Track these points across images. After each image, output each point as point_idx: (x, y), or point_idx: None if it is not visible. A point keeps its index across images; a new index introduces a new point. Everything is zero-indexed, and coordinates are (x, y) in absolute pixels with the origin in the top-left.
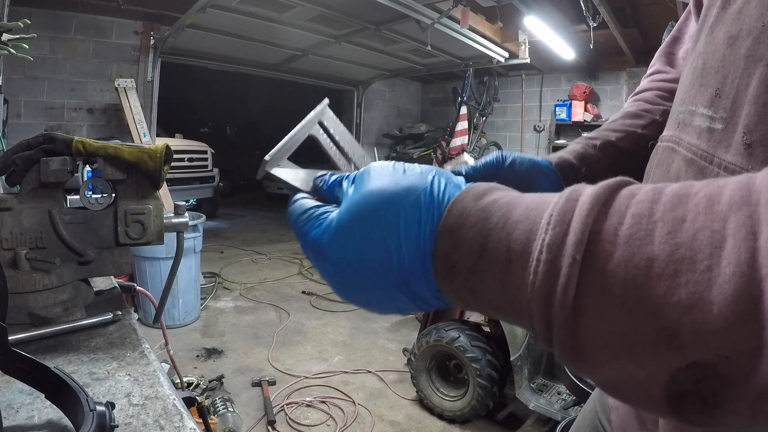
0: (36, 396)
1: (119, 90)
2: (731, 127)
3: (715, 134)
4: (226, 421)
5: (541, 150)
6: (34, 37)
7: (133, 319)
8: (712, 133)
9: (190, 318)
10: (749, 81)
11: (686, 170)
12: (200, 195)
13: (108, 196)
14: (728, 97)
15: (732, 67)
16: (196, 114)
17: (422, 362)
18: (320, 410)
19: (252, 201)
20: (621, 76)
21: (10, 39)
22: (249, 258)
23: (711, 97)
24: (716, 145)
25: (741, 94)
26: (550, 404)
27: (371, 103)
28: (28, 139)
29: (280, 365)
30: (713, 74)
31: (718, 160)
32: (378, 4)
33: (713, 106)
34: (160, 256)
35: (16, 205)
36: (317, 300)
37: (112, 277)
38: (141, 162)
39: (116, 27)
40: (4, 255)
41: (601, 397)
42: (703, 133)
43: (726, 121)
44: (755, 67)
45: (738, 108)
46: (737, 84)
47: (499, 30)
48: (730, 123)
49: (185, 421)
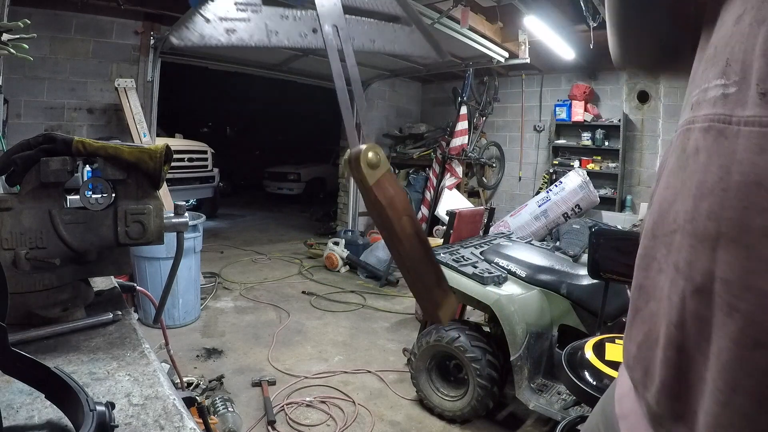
0: (36, 396)
1: (119, 90)
2: (744, 86)
3: (729, 97)
4: (226, 421)
5: (541, 150)
6: (34, 37)
7: (133, 319)
8: (727, 98)
9: (190, 318)
10: (755, 41)
11: (704, 138)
12: (200, 195)
13: (108, 196)
14: (737, 62)
15: (738, 36)
16: (196, 114)
17: (422, 362)
18: (320, 410)
19: (252, 201)
20: (621, 76)
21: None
22: (249, 258)
23: (722, 68)
24: (733, 106)
25: (749, 54)
26: (550, 404)
27: (371, 103)
28: (28, 139)
29: (280, 365)
30: (722, 50)
31: (737, 118)
32: None
33: (725, 74)
34: (160, 256)
35: (16, 205)
36: (317, 300)
37: (112, 277)
38: (141, 162)
39: (116, 27)
40: (4, 255)
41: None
42: (717, 101)
43: (739, 84)
44: (759, 29)
45: (748, 67)
46: (744, 48)
47: (499, 30)
48: (743, 83)
49: (185, 421)
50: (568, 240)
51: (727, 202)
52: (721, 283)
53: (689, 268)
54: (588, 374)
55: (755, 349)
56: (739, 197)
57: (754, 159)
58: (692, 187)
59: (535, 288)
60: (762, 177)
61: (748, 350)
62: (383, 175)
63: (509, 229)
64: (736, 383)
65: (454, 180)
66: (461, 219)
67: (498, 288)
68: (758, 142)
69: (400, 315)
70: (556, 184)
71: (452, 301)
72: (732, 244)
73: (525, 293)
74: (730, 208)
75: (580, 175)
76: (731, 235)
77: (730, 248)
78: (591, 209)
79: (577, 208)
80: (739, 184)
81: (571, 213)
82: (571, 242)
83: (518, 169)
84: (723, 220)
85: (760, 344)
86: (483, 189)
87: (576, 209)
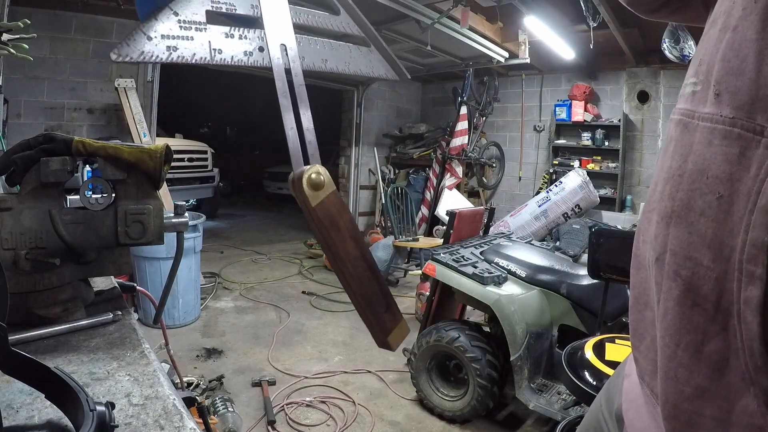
0: (36, 396)
1: (119, 90)
2: (707, 85)
3: (696, 95)
4: (226, 421)
5: (541, 150)
6: (34, 37)
7: (133, 319)
8: (695, 95)
9: (190, 318)
10: (720, 46)
11: (675, 129)
12: (200, 195)
13: (108, 196)
14: (705, 63)
15: (709, 40)
16: (196, 114)
17: (422, 362)
18: (320, 410)
19: (252, 201)
20: (621, 76)
21: (10, 39)
22: (249, 258)
23: (696, 67)
24: (697, 103)
25: (714, 57)
26: (550, 404)
27: (371, 103)
28: (28, 139)
29: (280, 365)
30: (699, 51)
31: (698, 114)
32: (378, 4)
33: (697, 74)
34: (160, 256)
35: (16, 205)
36: (317, 300)
37: (112, 277)
38: (141, 162)
39: (116, 27)
40: (4, 255)
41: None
42: (689, 98)
43: (704, 82)
44: (724, 34)
45: (711, 69)
46: (712, 51)
47: (499, 30)
48: (706, 83)
49: (185, 421)
50: (568, 240)
51: (681, 185)
52: (670, 254)
53: (655, 240)
54: (588, 374)
55: (693, 309)
56: (689, 182)
57: (703, 151)
58: (663, 172)
59: (535, 288)
60: (705, 166)
61: (687, 309)
62: (327, 196)
63: (509, 229)
64: (679, 338)
65: (454, 180)
66: (461, 219)
67: (498, 288)
68: (708, 137)
69: None
70: (556, 184)
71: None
72: (679, 221)
73: (525, 293)
74: (682, 190)
75: (580, 175)
76: (680, 214)
77: (678, 224)
78: (591, 209)
79: (577, 208)
80: (690, 172)
81: (571, 213)
82: (571, 242)
83: (518, 169)
84: (676, 201)
85: (697, 305)
86: (483, 189)
87: (576, 209)
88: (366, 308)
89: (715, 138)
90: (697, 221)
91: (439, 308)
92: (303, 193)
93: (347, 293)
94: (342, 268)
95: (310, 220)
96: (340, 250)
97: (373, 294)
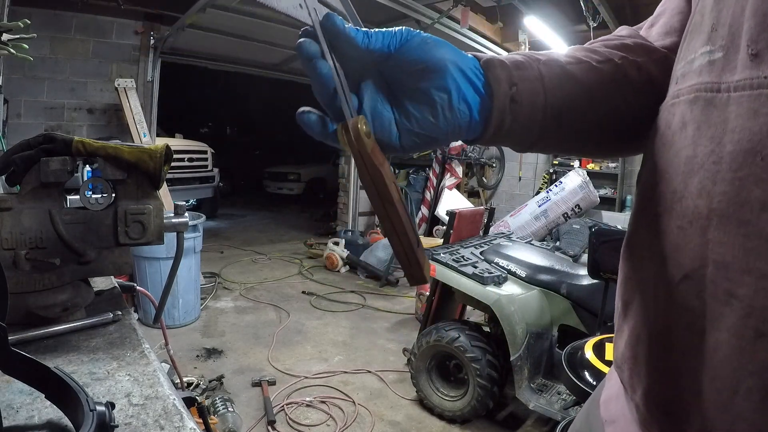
0: (36, 396)
1: (119, 90)
2: (733, 49)
3: (716, 63)
4: (226, 421)
5: None
6: (34, 37)
7: (133, 319)
8: (713, 64)
9: (190, 318)
10: (745, 3)
11: (690, 110)
12: (200, 195)
13: (108, 196)
14: (725, 25)
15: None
16: (196, 114)
17: (422, 362)
18: (320, 410)
19: (252, 201)
20: None
21: (10, 39)
22: (249, 258)
23: (707, 34)
24: (720, 72)
25: (738, 16)
26: (550, 404)
27: None
28: (28, 139)
29: (280, 365)
30: (708, 16)
31: (726, 84)
32: (378, 4)
33: (710, 40)
34: (160, 256)
35: (16, 205)
36: (317, 300)
37: (112, 277)
38: (141, 162)
39: (116, 27)
40: (4, 255)
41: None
42: (703, 70)
43: (726, 47)
44: None
45: (737, 29)
46: (732, 10)
47: (499, 30)
48: (731, 46)
49: (185, 421)
50: (568, 240)
51: (719, 175)
52: (714, 267)
53: (678, 253)
54: (588, 374)
55: (757, 341)
56: (733, 168)
57: (748, 125)
58: (680, 165)
59: (535, 288)
60: (756, 143)
61: (749, 343)
62: (374, 143)
63: (509, 229)
64: (737, 383)
65: (454, 180)
66: (461, 219)
67: (498, 288)
68: (751, 106)
69: (400, 315)
70: (556, 184)
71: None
72: (726, 222)
73: (525, 293)
74: (723, 181)
75: (580, 175)
76: (725, 212)
77: (724, 226)
78: (591, 209)
79: (577, 208)
80: (732, 155)
81: (571, 213)
82: (571, 242)
83: (518, 169)
84: (715, 196)
85: (764, 335)
86: (483, 189)
87: (576, 209)
88: (406, 247)
89: (763, 105)
90: (757, 219)
91: (439, 308)
92: (361, 141)
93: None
94: (390, 212)
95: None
96: (391, 192)
97: (410, 232)
